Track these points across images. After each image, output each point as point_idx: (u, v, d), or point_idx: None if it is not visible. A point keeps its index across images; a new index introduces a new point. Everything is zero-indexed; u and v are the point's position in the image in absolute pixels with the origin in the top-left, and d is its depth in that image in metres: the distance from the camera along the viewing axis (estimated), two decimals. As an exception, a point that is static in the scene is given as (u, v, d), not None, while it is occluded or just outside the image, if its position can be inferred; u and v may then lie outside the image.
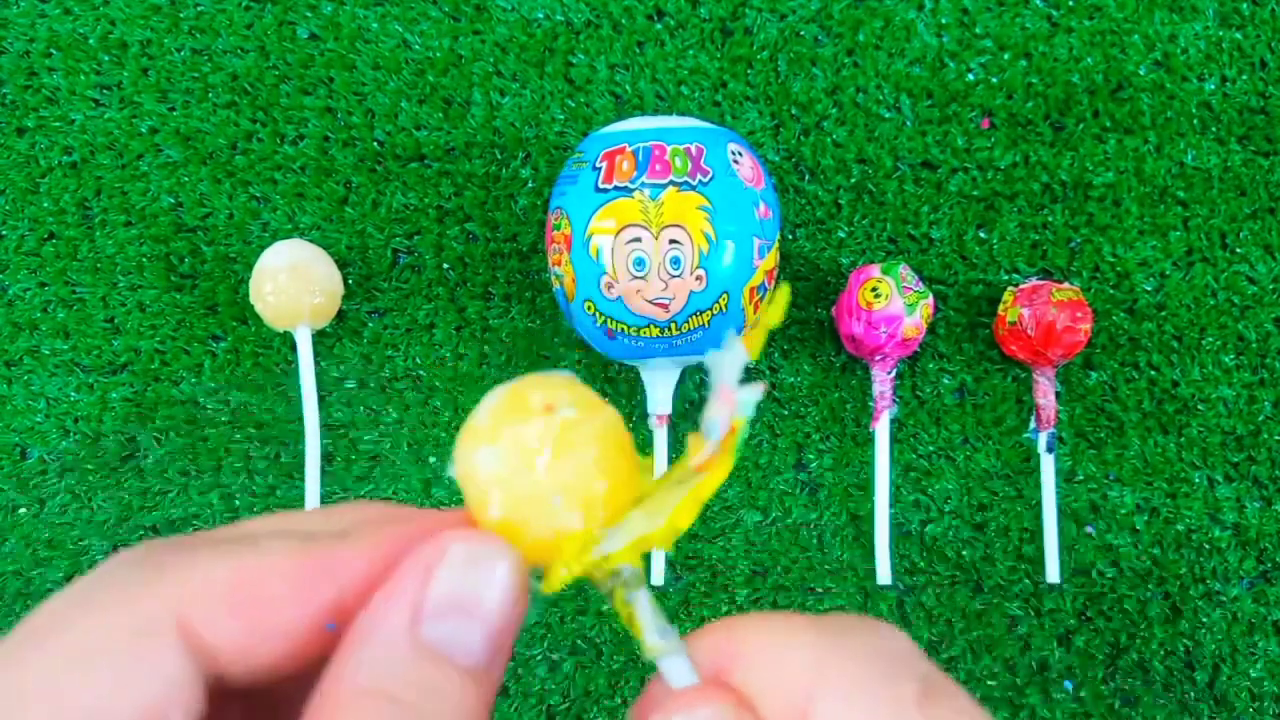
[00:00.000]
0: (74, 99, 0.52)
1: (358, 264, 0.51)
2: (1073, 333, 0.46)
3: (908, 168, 0.51)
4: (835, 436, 0.50)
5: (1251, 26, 0.51)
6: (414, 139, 0.51)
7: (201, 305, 0.51)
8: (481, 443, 0.18)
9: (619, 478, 0.18)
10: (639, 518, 0.18)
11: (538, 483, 0.17)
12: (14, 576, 0.50)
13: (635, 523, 0.18)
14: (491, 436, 0.18)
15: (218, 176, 0.52)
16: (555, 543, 0.18)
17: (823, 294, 0.51)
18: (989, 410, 0.50)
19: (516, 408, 0.18)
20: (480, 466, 0.18)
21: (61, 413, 0.51)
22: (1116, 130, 0.50)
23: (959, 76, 0.51)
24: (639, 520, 0.18)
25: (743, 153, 0.44)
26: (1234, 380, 0.49)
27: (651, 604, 0.18)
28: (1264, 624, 0.48)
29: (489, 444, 0.18)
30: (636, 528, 0.18)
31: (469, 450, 0.18)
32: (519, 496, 0.17)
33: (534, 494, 0.17)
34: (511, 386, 0.18)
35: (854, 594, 0.49)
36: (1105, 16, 0.51)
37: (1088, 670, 0.48)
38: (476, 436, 0.18)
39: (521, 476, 0.17)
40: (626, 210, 0.42)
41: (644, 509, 0.18)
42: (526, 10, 0.52)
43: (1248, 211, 0.50)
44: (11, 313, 0.52)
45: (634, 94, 0.51)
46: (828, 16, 0.51)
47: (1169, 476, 0.49)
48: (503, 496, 0.18)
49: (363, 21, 0.52)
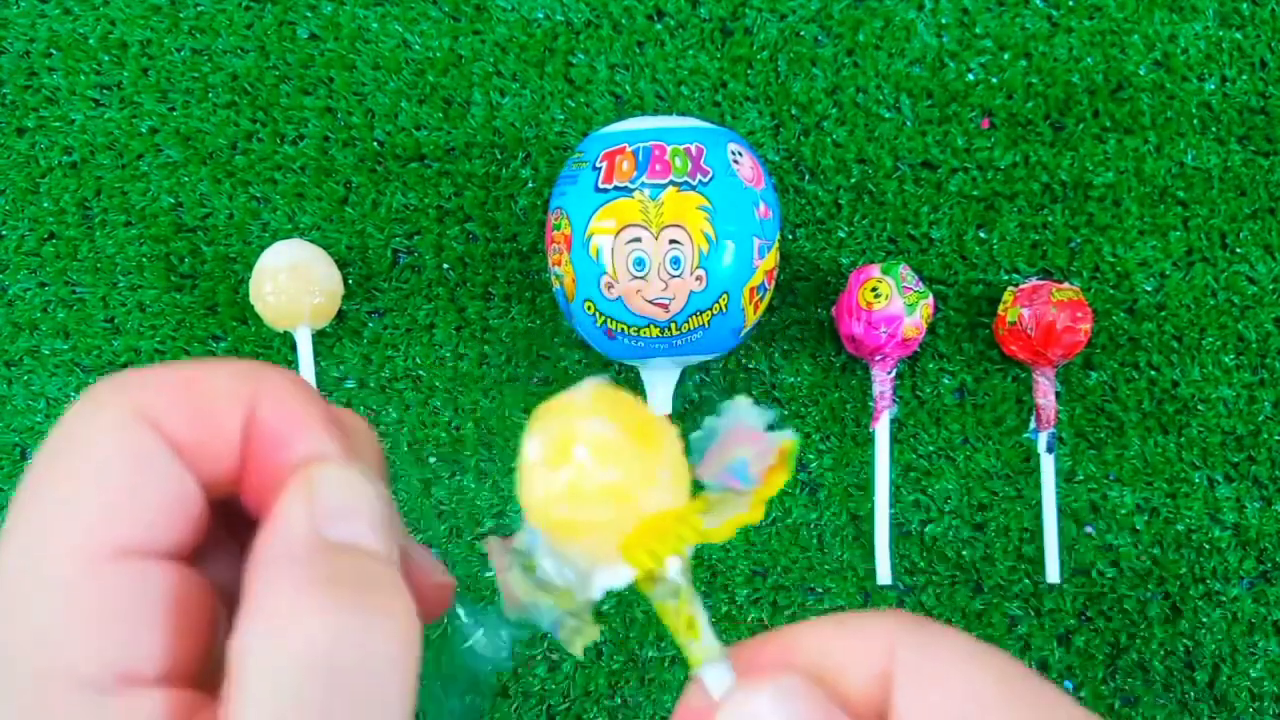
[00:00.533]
0: (74, 99, 0.52)
1: (358, 264, 0.51)
2: (1073, 333, 0.46)
3: (908, 168, 0.51)
4: (835, 436, 0.50)
5: (1251, 26, 0.51)
6: (414, 139, 0.51)
7: (201, 305, 0.51)
8: (588, 415, 0.19)
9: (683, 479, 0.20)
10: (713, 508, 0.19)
11: (650, 456, 0.19)
12: (14, 576, 0.50)
13: (718, 507, 0.19)
14: (599, 411, 0.19)
15: (218, 176, 0.52)
16: (662, 517, 0.18)
17: (823, 294, 0.51)
18: (989, 410, 0.50)
19: (612, 396, 0.19)
20: (590, 435, 0.19)
21: (61, 413, 0.51)
22: (1116, 130, 0.50)
23: (959, 76, 0.51)
24: (719, 507, 0.19)
25: (743, 153, 0.44)
26: (1234, 380, 0.49)
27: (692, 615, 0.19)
28: (1264, 624, 0.48)
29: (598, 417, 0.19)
30: (726, 511, 0.19)
31: (569, 421, 0.19)
32: (629, 466, 0.18)
33: (645, 466, 0.18)
34: (593, 383, 0.19)
35: (854, 594, 0.49)
36: (1105, 16, 0.51)
37: (1088, 670, 0.48)
38: (579, 410, 0.19)
39: (634, 448, 0.18)
40: (626, 210, 0.42)
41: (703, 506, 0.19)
42: (526, 10, 0.52)
43: (1248, 211, 0.50)
44: (11, 313, 0.52)
45: (634, 94, 0.51)
46: (828, 16, 0.51)
47: (1169, 476, 0.49)
48: (613, 465, 0.18)
49: (363, 21, 0.52)
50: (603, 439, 0.18)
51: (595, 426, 0.18)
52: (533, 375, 0.51)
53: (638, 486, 0.18)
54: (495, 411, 0.51)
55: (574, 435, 0.18)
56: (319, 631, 0.15)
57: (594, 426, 0.18)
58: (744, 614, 0.49)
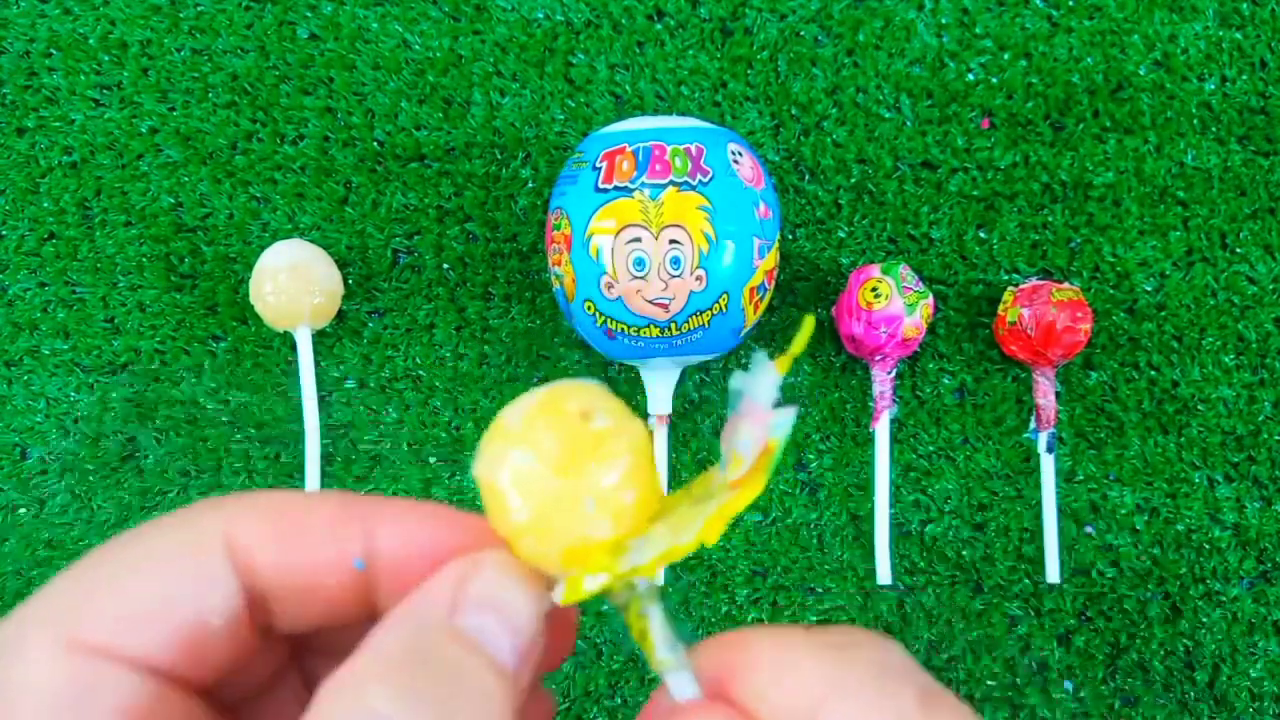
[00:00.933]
0: (74, 99, 0.52)
1: (358, 264, 0.51)
2: (1073, 333, 0.46)
3: (908, 168, 0.51)
4: (835, 436, 0.50)
5: (1251, 26, 0.51)
6: (414, 139, 0.51)
7: (201, 305, 0.51)
8: (514, 444, 0.18)
9: (645, 490, 0.18)
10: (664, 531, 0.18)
11: (571, 487, 0.17)
12: (14, 576, 0.50)
13: (661, 536, 0.18)
14: (525, 439, 0.18)
15: (218, 176, 0.52)
16: (583, 550, 0.18)
17: (823, 294, 0.51)
18: (989, 410, 0.50)
19: (552, 412, 0.18)
20: (511, 468, 0.18)
21: (61, 413, 0.51)
22: (1116, 130, 0.50)
23: (959, 76, 0.51)
24: (664, 534, 0.18)
25: (743, 153, 0.44)
26: (1234, 380, 0.49)
27: (664, 619, 0.18)
28: (1264, 624, 0.48)
29: (523, 446, 0.18)
30: (662, 541, 0.18)
31: (499, 450, 0.18)
32: (549, 500, 0.17)
33: (566, 499, 0.17)
34: (547, 391, 0.19)
35: (854, 594, 0.49)
36: (1105, 16, 0.51)
37: (1088, 670, 0.48)
38: (508, 438, 0.18)
39: (554, 481, 0.17)
40: (626, 210, 0.42)
41: (668, 523, 0.18)
42: (526, 10, 0.52)
43: (1248, 211, 0.50)
44: (11, 313, 0.52)
45: (634, 94, 0.51)
46: (828, 16, 0.51)
47: (1169, 476, 0.49)
48: (532, 500, 0.17)
49: (363, 21, 0.52)
50: (521, 471, 0.18)
51: (516, 458, 0.18)
52: (533, 375, 0.51)
53: (551, 520, 0.18)
54: (495, 411, 0.50)
55: (500, 464, 0.18)
56: (380, 704, 0.15)
57: (515, 458, 0.18)
58: (744, 614, 0.49)
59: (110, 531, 0.50)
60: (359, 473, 0.50)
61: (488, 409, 0.51)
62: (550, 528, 0.18)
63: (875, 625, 0.49)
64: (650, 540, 0.18)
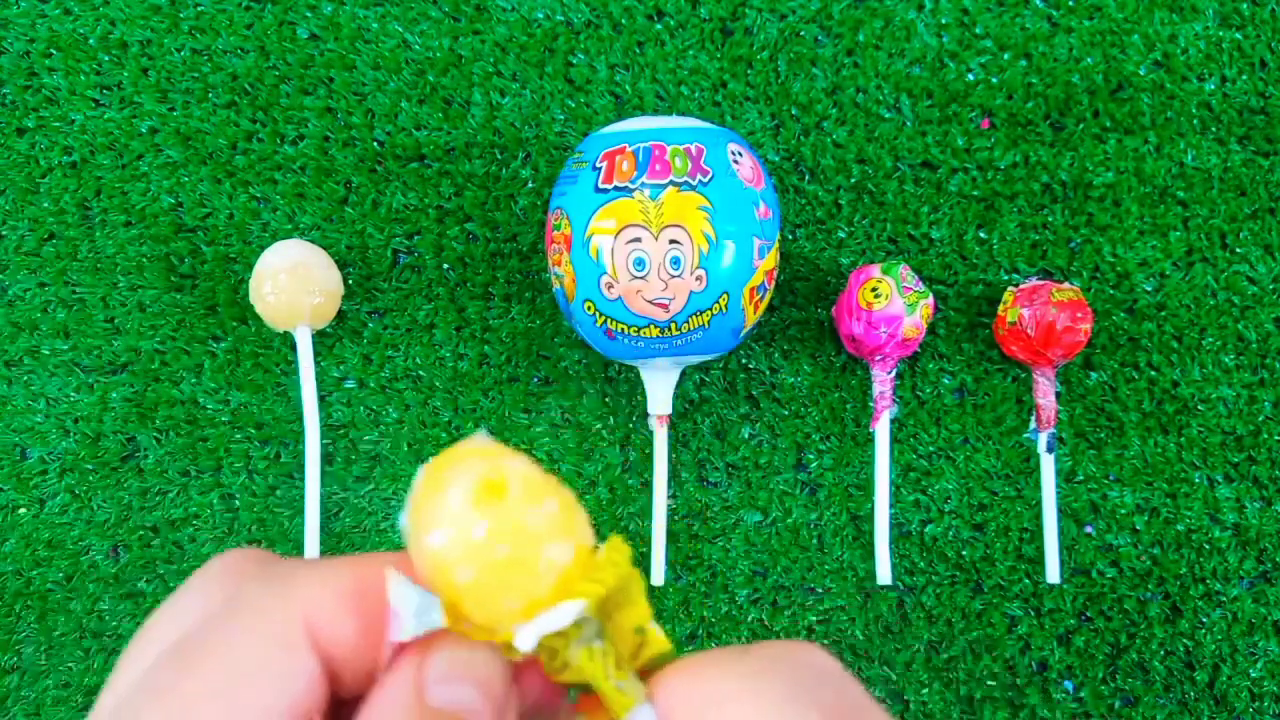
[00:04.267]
0: (74, 99, 0.52)
1: (358, 264, 0.51)
2: (1073, 333, 0.46)
3: (908, 168, 0.51)
4: (835, 436, 0.50)
5: (1251, 26, 0.51)
6: (414, 139, 0.51)
7: (201, 305, 0.51)
8: (444, 525, 0.18)
9: (580, 553, 0.19)
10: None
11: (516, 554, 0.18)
12: (14, 576, 0.50)
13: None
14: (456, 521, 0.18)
15: (218, 176, 0.52)
16: (528, 608, 0.18)
17: (823, 294, 0.51)
18: (989, 410, 0.50)
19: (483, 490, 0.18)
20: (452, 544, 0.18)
21: (61, 413, 0.51)
22: (1116, 130, 0.50)
23: (959, 76, 0.51)
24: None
25: (743, 153, 0.44)
26: (1234, 380, 0.49)
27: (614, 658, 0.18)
28: (1264, 624, 0.48)
29: (450, 527, 0.18)
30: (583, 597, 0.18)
31: (436, 526, 0.18)
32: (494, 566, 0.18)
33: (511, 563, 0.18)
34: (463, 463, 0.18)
35: (854, 594, 0.49)
36: (1105, 16, 0.51)
37: (1088, 670, 0.48)
38: (441, 518, 0.18)
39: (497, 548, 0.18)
40: (626, 210, 0.42)
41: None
42: (526, 10, 0.52)
43: (1248, 211, 0.50)
44: (11, 313, 0.52)
45: (634, 94, 0.51)
46: (828, 16, 0.51)
47: (1169, 476, 0.49)
48: (475, 565, 0.18)
49: (363, 21, 0.52)
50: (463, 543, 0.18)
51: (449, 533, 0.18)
52: (533, 375, 0.51)
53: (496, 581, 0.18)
54: (495, 411, 0.51)
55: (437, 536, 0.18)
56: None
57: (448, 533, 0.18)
58: (744, 614, 0.49)
59: (110, 532, 0.50)
60: (359, 473, 0.50)
61: (488, 409, 0.51)
62: (495, 588, 0.18)
63: (875, 625, 0.49)
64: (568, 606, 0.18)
